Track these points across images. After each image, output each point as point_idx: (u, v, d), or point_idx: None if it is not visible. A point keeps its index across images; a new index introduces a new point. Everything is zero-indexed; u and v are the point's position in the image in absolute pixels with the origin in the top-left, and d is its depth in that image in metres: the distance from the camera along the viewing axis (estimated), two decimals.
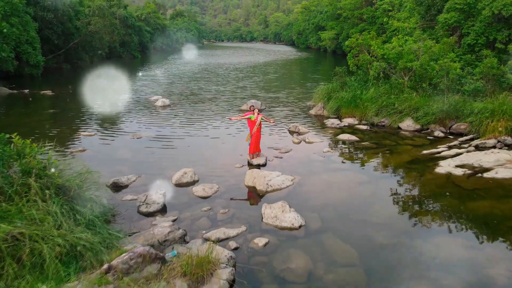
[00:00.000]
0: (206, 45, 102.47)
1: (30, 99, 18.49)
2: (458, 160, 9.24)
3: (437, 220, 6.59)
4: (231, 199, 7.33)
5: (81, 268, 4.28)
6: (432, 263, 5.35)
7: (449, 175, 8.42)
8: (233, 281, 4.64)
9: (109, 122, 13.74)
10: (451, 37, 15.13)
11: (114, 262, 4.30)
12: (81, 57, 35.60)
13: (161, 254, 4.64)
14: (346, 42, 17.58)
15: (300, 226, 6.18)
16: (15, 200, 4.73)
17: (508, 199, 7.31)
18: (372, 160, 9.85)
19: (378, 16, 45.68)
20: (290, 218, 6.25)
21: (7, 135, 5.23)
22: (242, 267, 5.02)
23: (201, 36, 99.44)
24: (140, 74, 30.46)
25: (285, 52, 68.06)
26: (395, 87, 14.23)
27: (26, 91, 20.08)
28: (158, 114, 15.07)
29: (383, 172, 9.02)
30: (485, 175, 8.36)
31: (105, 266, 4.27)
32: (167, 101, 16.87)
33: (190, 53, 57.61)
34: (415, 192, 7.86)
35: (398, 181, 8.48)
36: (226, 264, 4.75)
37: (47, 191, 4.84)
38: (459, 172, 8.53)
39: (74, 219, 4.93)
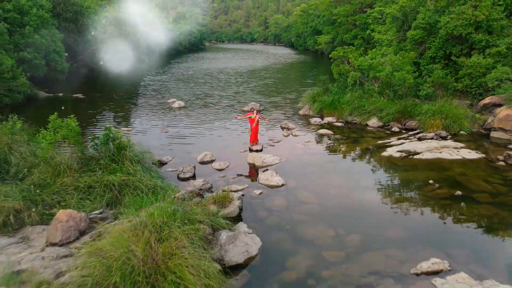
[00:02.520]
0: (207, 47, 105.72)
1: (68, 101, 22.09)
2: (400, 147, 12.84)
3: (374, 183, 10.17)
4: (237, 175, 10.90)
5: (160, 198, 7.85)
6: (366, 204, 8.94)
7: (389, 157, 12.03)
8: (241, 208, 8.23)
9: (139, 121, 17.32)
10: (412, 52, 18.68)
11: (177, 195, 7.89)
12: (96, 62, 39.20)
13: (201, 193, 8.24)
14: (330, 55, 21.16)
15: (282, 185, 9.78)
16: (118, 163, 8.34)
17: (424, 171, 10.90)
18: (340, 147, 13.44)
19: (370, 23, 49.20)
20: (276, 180, 9.85)
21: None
22: (247, 202, 8.62)
23: (202, 38, 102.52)
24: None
25: (283, 55, 71.53)
26: (367, 93, 17.85)
27: (61, 94, 23.65)
28: (177, 114, 18.66)
29: (345, 155, 12.61)
30: (415, 157, 11.96)
31: (173, 196, 7.85)
32: (182, 103, 20.45)
33: (192, 57, 61.13)
34: (364, 167, 11.47)
35: (354, 161, 12.09)
36: (238, 199, 8.33)
37: (135, 157, 8.45)
38: (397, 155, 12.14)
39: (150, 175, 8.52)
